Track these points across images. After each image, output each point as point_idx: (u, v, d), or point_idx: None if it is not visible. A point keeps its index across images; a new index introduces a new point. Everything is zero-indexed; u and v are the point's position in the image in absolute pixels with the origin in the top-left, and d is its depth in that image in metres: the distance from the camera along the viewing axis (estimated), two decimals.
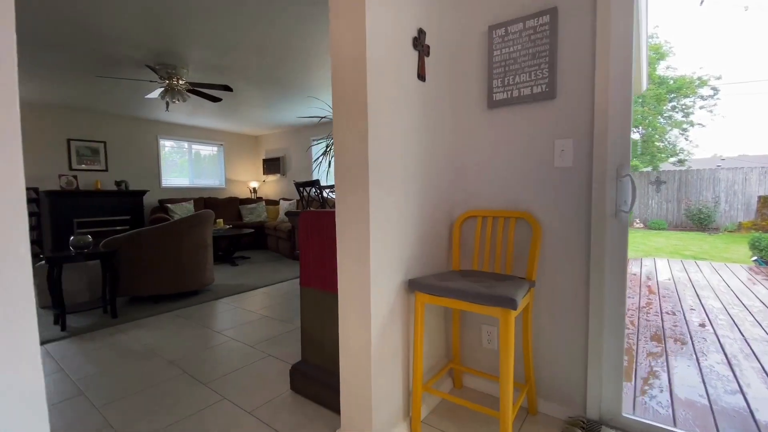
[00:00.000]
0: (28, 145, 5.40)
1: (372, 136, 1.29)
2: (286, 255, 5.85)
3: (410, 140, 1.50)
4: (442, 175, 1.74)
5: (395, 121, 1.40)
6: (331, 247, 1.61)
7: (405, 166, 1.47)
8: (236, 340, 2.56)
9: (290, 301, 3.46)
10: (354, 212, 1.32)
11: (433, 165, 1.66)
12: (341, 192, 1.36)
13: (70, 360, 2.30)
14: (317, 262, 1.67)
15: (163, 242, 3.43)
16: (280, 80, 4.42)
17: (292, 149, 7.81)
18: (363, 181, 1.29)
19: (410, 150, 1.50)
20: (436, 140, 1.68)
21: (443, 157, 1.74)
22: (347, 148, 1.33)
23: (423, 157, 1.59)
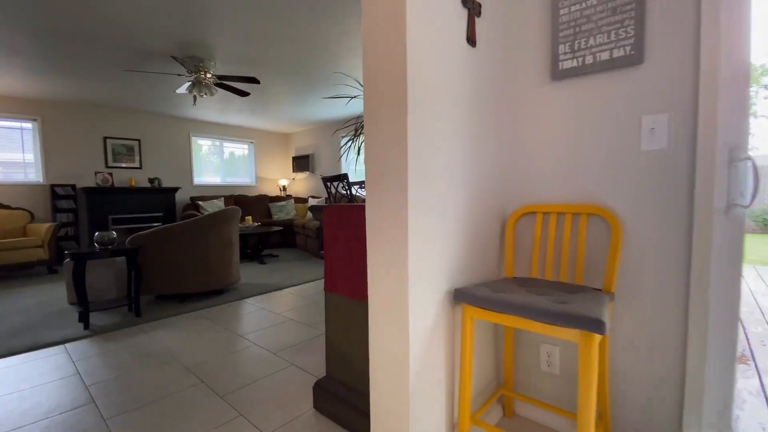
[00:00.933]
0: (68, 144, 5.54)
1: (412, 115, 1.02)
2: (315, 254, 5.70)
3: (457, 120, 1.22)
4: (493, 162, 1.45)
5: (440, 95, 1.13)
6: (361, 248, 1.36)
7: (450, 152, 1.19)
8: (258, 346, 2.37)
9: (317, 304, 3.26)
10: (389, 207, 1.07)
11: (483, 150, 1.38)
12: (373, 183, 1.11)
13: (87, 362, 2.18)
14: (344, 264, 1.43)
15: (189, 239, 3.32)
16: (309, 72, 4.24)
17: (322, 146, 7.68)
18: (400, 169, 1.03)
19: (456, 131, 1.22)
20: (487, 120, 1.39)
21: (494, 140, 1.45)
22: (381, 129, 1.07)
23: (471, 139, 1.30)
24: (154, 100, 5.45)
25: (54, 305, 3.32)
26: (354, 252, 1.39)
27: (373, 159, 1.11)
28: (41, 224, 4.77)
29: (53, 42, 3.28)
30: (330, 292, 1.51)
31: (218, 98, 5.33)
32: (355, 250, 1.38)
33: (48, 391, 1.86)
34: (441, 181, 1.15)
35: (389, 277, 1.08)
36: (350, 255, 1.40)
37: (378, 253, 1.11)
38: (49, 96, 5.04)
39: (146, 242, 3.23)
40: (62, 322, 2.86)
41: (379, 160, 1.09)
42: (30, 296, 3.65)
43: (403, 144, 1.03)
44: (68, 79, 4.30)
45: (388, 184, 1.07)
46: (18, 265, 4.40)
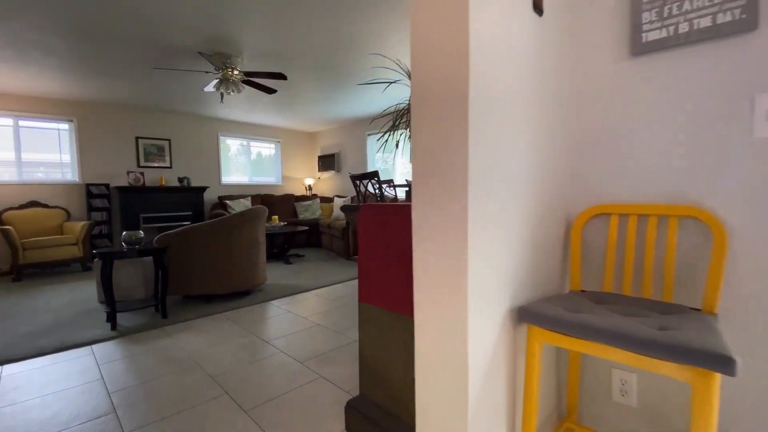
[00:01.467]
0: (102, 144, 5.65)
1: (474, 102, 0.83)
2: (341, 254, 5.57)
3: (519, 105, 1.02)
4: (556, 155, 1.23)
5: (502, 75, 0.94)
6: (403, 255, 1.18)
7: (511, 144, 0.99)
8: (285, 353, 2.24)
9: (344, 308, 3.11)
10: (442, 212, 0.88)
11: (545, 140, 1.17)
12: (421, 184, 0.92)
13: (112, 366, 2.11)
14: (382, 272, 1.25)
15: (216, 239, 3.25)
16: (338, 66, 4.10)
17: (347, 145, 7.57)
18: (459, 170, 0.85)
19: (518, 119, 1.02)
20: (550, 104, 1.18)
21: (558, 128, 1.23)
22: (434, 120, 0.89)
23: (533, 128, 1.10)
24: (184, 100, 5.48)
25: (85, 304, 3.33)
26: (394, 259, 1.21)
27: (422, 156, 0.93)
28: (76, 222, 4.87)
29: (84, 41, 3.28)
30: (365, 303, 1.34)
31: (245, 97, 5.29)
32: (396, 257, 1.20)
33: (70, 397, 1.79)
34: (501, 181, 0.95)
35: (443, 293, 0.89)
36: (389, 262, 1.22)
37: (427, 265, 0.93)
38: (83, 97, 5.15)
39: (173, 242, 3.18)
40: (91, 322, 2.83)
41: (430, 158, 0.91)
42: (63, 294, 3.69)
43: (462, 138, 0.84)
44: (100, 79, 4.35)
45: (442, 186, 0.88)
46: (54, 262, 4.50)
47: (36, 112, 5.08)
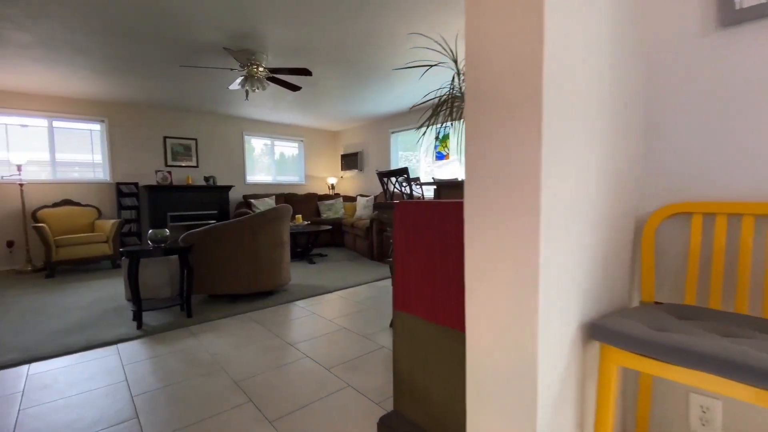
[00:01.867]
0: (131, 143, 5.76)
1: (548, 88, 0.69)
2: (364, 254, 5.47)
3: (585, 90, 0.86)
4: (626, 145, 1.06)
5: (578, 60, 0.78)
6: (450, 260, 1.04)
7: (587, 136, 0.84)
8: (311, 358, 2.14)
9: (370, 311, 2.99)
10: (507, 213, 0.74)
11: (617, 128, 1.00)
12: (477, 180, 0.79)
13: (136, 367, 2.07)
14: (422, 278, 1.12)
15: (240, 238, 3.20)
16: (363, 61, 4.00)
17: (371, 143, 7.47)
18: (530, 165, 0.71)
19: (595, 107, 0.86)
20: (624, 84, 1.02)
21: (631, 113, 1.07)
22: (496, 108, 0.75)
23: (608, 115, 0.94)
24: (210, 99, 5.51)
25: (113, 301, 3.35)
26: (438, 264, 1.07)
27: (480, 154, 0.79)
28: (107, 221, 4.96)
29: (112, 40, 3.30)
30: (402, 311, 1.21)
31: (270, 95, 5.27)
32: (440, 262, 1.07)
33: (95, 399, 1.74)
34: (573, 180, 0.80)
35: (505, 306, 0.76)
36: (431, 267, 1.08)
37: (483, 273, 0.79)
38: (114, 97, 5.25)
39: (198, 240, 3.15)
40: (118, 320, 2.83)
41: (490, 157, 0.77)
42: (93, 290, 3.74)
43: (534, 137, 0.70)
44: (129, 78, 4.40)
45: (507, 187, 0.74)
46: (86, 259, 4.59)
47: (69, 113, 5.22)
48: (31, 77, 4.25)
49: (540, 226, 0.69)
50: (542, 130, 0.69)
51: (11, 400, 1.72)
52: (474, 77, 0.80)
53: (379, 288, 3.70)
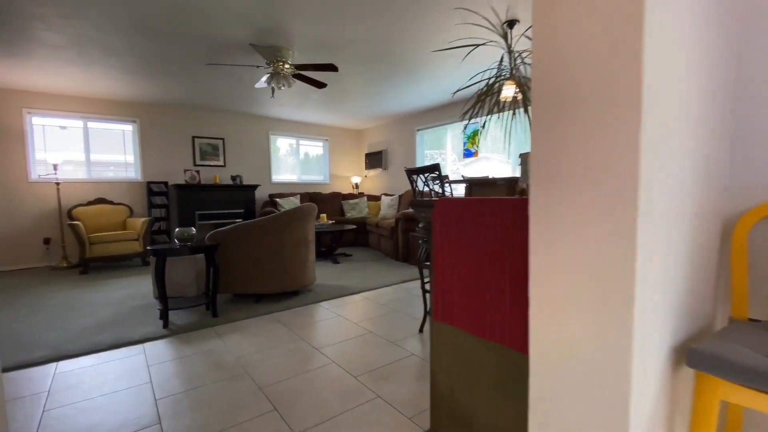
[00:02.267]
0: (161, 143, 5.87)
1: (649, 88, 0.54)
2: (389, 254, 5.36)
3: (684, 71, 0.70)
4: (712, 132, 0.89)
5: (677, 48, 0.63)
6: (502, 267, 0.90)
7: (682, 132, 0.68)
8: (337, 365, 2.03)
9: (396, 315, 2.87)
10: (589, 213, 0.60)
11: (707, 114, 0.83)
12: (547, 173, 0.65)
13: (161, 368, 2.03)
14: (469, 287, 0.98)
15: (266, 237, 3.15)
16: (390, 56, 3.88)
17: (395, 141, 7.34)
18: (628, 153, 0.56)
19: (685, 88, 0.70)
20: (712, 69, 0.84)
21: (717, 100, 0.89)
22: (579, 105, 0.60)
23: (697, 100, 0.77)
24: (236, 99, 5.54)
25: (141, 299, 3.38)
26: (486, 271, 0.93)
27: (552, 150, 0.65)
28: (138, 219, 5.06)
29: (141, 39, 3.32)
30: (442, 323, 1.08)
31: (296, 93, 5.23)
32: (489, 269, 0.93)
33: (118, 402, 1.70)
34: (667, 183, 0.65)
35: (586, 328, 0.61)
36: (479, 274, 0.95)
37: (556, 286, 0.65)
38: (145, 98, 5.35)
39: (224, 239, 3.12)
40: (145, 318, 2.83)
41: (569, 154, 0.63)
42: (123, 287, 3.79)
43: (633, 133, 0.55)
44: (159, 79, 4.46)
45: (596, 190, 0.60)
46: (117, 256, 4.69)
47: (103, 114, 5.36)
48: (67, 79, 4.37)
49: (637, 232, 0.55)
50: (641, 131, 0.55)
51: (36, 401, 1.70)
52: (545, 72, 0.66)
53: (405, 290, 3.57)
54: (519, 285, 0.86)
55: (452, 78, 4.64)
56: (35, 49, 3.46)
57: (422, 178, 2.45)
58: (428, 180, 2.42)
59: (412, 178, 2.55)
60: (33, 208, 4.93)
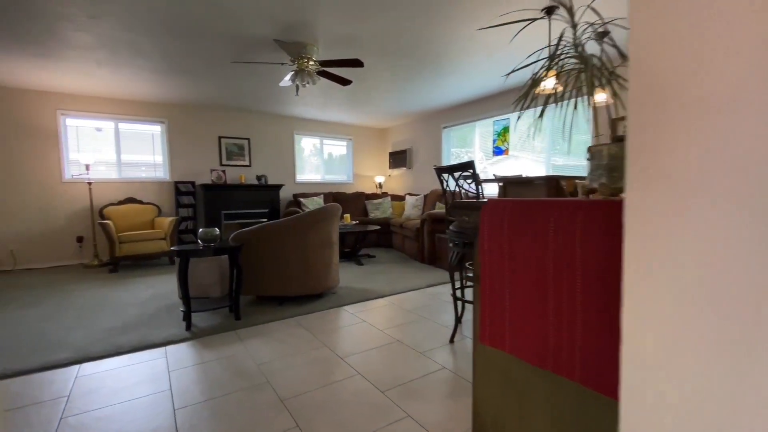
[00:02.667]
0: (189, 143, 5.93)
1: None
2: (413, 256, 5.20)
3: None
4: None
5: None
6: (577, 285, 0.73)
7: None
8: (362, 376, 1.90)
9: (423, 323, 2.71)
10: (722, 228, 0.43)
11: None
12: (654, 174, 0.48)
13: (182, 375, 1.96)
14: (528, 307, 0.82)
15: (289, 238, 3.06)
16: (418, 50, 3.72)
17: (420, 140, 7.17)
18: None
19: None
20: None
21: None
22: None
23: None
24: (261, 98, 5.52)
25: (166, 298, 3.37)
26: (551, 289, 0.77)
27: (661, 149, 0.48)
28: (165, 218, 5.12)
29: (168, 38, 3.31)
30: (489, 346, 0.92)
31: (320, 91, 5.16)
32: (554, 286, 0.76)
33: (137, 410, 1.63)
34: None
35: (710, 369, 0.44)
36: (542, 293, 0.78)
37: (668, 316, 0.48)
38: (173, 99, 5.41)
39: (248, 239, 3.06)
40: (169, 319, 2.79)
41: (692, 155, 0.46)
42: (150, 287, 3.81)
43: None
44: (186, 79, 4.47)
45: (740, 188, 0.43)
46: (146, 255, 4.75)
47: (133, 115, 5.46)
48: (98, 81, 4.45)
49: None
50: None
51: (55, 406, 1.66)
52: (650, 49, 0.49)
53: (431, 295, 3.41)
54: (597, 307, 0.70)
55: (482, 72, 4.43)
56: (66, 50, 3.51)
57: (453, 178, 2.29)
58: (459, 179, 2.26)
59: (442, 177, 2.39)
60: (66, 207, 5.08)
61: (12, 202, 4.76)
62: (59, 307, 3.14)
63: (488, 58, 3.96)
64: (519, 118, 1.07)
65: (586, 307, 0.72)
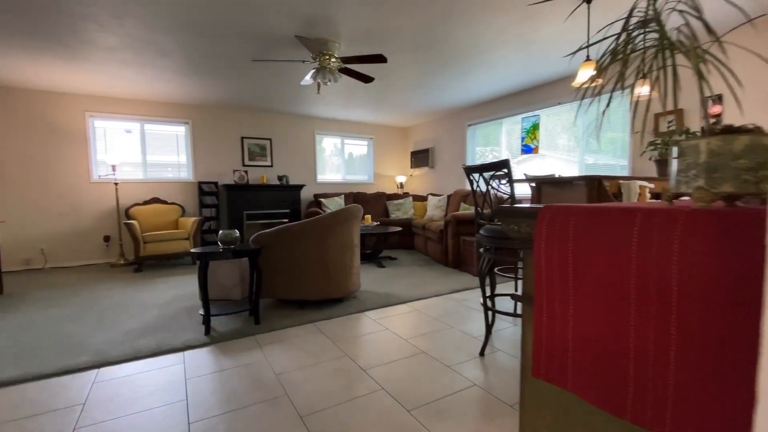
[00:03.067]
0: (212, 144, 5.97)
1: None
2: (437, 259, 5.02)
3: None
4: None
5: None
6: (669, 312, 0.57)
7: None
8: (386, 392, 1.77)
9: (451, 332, 2.56)
10: None
11: None
12: None
13: (199, 384, 1.88)
14: (601, 337, 0.67)
15: (309, 240, 2.96)
16: (441, 43, 3.57)
17: (443, 138, 6.98)
18: None
19: None
20: None
21: None
22: None
23: None
24: (282, 98, 5.48)
25: (188, 300, 3.34)
26: (634, 315, 0.61)
27: None
28: (189, 218, 5.15)
29: (190, 37, 3.28)
30: (545, 381, 0.77)
31: (341, 90, 5.06)
32: (640, 312, 0.61)
33: (150, 423, 1.55)
34: None
35: None
36: (621, 319, 0.63)
37: None
38: (196, 100, 5.44)
39: (268, 242, 2.98)
40: (188, 322, 2.75)
41: None
42: (172, 287, 3.80)
43: None
44: (208, 79, 4.47)
45: None
46: (169, 255, 4.78)
47: (158, 116, 5.53)
48: (124, 82, 4.50)
49: None
50: None
51: (69, 415, 1.60)
52: None
53: (457, 302, 3.24)
54: (702, 346, 0.54)
55: (511, 66, 4.22)
56: (92, 51, 3.54)
57: (485, 178, 2.12)
58: (492, 179, 2.09)
59: (473, 177, 2.22)
60: (94, 207, 5.18)
61: (43, 202, 4.89)
62: (84, 307, 3.16)
63: (518, 51, 3.76)
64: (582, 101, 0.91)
65: (685, 345, 0.56)
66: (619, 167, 4.17)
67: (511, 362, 2.06)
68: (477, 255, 4.14)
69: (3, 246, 4.70)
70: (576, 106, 4.55)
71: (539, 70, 4.32)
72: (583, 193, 2.18)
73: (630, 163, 4.00)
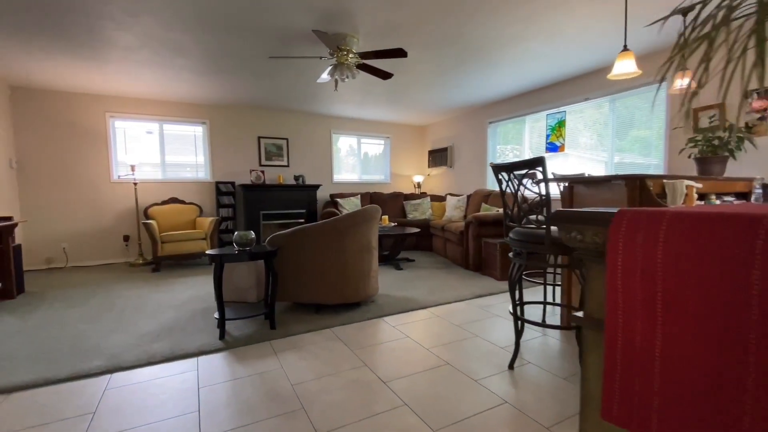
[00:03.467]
0: (229, 144, 5.95)
1: None
2: (456, 261, 4.86)
3: None
4: None
5: None
6: None
7: None
8: (411, 409, 1.64)
9: (475, 341, 2.41)
10: None
11: None
12: None
13: (212, 393, 1.79)
14: (699, 375, 0.52)
15: (326, 242, 2.86)
16: (463, 36, 3.42)
17: (462, 137, 6.79)
18: None
19: None
20: None
21: None
22: None
23: None
24: (299, 97, 5.41)
25: (203, 301, 3.28)
26: (753, 350, 0.47)
27: None
28: (206, 218, 5.13)
29: (204, 36, 3.22)
30: (619, 426, 0.62)
31: (359, 87, 4.95)
32: (762, 346, 0.46)
33: None
34: None
35: None
36: (741, 356, 0.48)
37: None
38: (213, 99, 5.43)
39: (284, 243, 2.89)
40: (204, 325, 2.68)
41: None
42: (189, 287, 3.76)
43: None
44: (225, 78, 4.43)
45: None
46: (187, 255, 4.77)
47: (176, 116, 5.54)
48: (142, 82, 4.51)
49: None
50: None
51: (79, 425, 1.53)
52: None
53: (481, 308, 3.08)
54: None
55: (536, 60, 4.03)
56: (110, 51, 3.52)
57: (516, 177, 1.97)
58: (524, 179, 1.93)
59: (501, 176, 2.07)
60: (114, 207, 5.22)
61: (65, 201, 4.95)
62: (101, 308, 3.14)
63: (544, 45, 3.57)
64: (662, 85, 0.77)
65: None
66: (649, 166, 3.92)
67: (544, 376, 1.90)
68: (501, 258, 3.96)
69: (26, 245, 4.77)
70: (606, 101, 4.31)
71: (566, 63, 4.11)
72: (622, 193, 2.00)
73: (665, 162, 3.75)
